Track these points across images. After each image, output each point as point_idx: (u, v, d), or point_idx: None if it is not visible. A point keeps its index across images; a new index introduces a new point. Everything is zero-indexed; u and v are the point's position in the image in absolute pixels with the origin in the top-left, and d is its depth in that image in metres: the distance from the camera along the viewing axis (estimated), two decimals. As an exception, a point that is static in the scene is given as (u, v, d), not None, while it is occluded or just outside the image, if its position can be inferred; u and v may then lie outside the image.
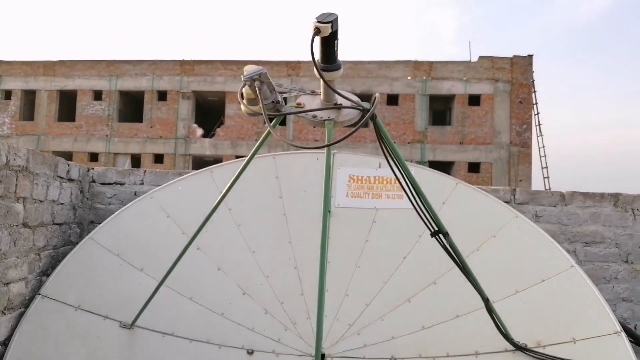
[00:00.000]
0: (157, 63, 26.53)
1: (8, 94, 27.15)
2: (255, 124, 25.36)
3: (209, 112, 28.13)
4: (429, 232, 2.60)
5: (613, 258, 4.71)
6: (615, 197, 4.74)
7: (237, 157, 24.70)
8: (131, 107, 27.63)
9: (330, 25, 1.87)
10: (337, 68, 2.09)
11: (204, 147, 26.05)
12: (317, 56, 2.03)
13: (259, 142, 2.61)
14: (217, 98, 26.72)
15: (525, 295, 3.59)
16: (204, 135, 26.36)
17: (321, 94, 2.28)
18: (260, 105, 2.10)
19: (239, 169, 2.82)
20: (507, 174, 24.67)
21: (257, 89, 2.09)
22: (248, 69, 2.12)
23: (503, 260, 3.79)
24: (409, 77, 25.52)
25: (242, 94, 2.19)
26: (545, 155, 24.86)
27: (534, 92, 25.16)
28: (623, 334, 3.27)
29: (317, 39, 1.95)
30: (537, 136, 25.00)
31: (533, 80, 25.13)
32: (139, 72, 26.52)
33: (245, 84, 2.13)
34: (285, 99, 2.31)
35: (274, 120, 2.30)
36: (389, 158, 2.39)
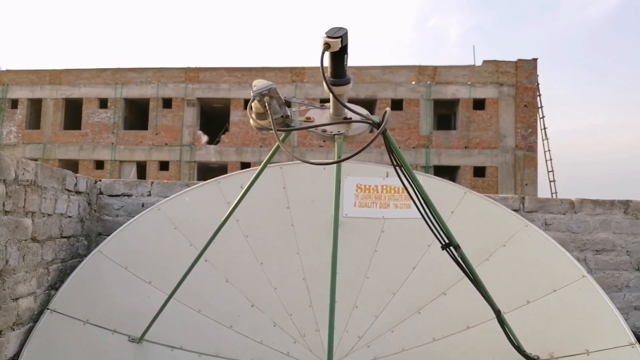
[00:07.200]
0: (162, 70, 26.65)
1: (14, 103, 27.34)
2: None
3: (214, 119, 28.18)
4: (440, 245, 2.58)
5: (624, 266, 4.66)
6: (626, 204, 4.69)
7: (242, 163, 24.75)
8: (136, 114, 27.75)
9: (340, 40, 1.86)
10: (347, 82, 2.07)
11: (209, 154, 26.08)
12: (327, 69, 2.02)
13: (267, 157, 2.60)
14: (221, 105, 26.77)
15: (536, 305, 3.55)
16: (209, 142, 26.40)
17: (330, 108, 2.27)
18: (270, 120, 2.09)
19: (248, 183, 2.81)
20: (513, 178, 24.55)
21: (266, 104, 2.09)
22: (258, 84, 2.12)
23: (514, 270, 3.75)
24: (413, 82, 25.50)
25: (251, 108, 2.18)
26: (551, 159, 24.80)
27: (539, 95, 25.08)
28: (637, 345, 3.22)
29: (327, 54, 1.93)
30: (543, 140, 24.93)
31: (538, 84, 25.06)
32: (144, 79, 26.63)
33: (254, 99, 2.12)
34: (292, 112, 2.30)
35: (283, 135, 2.28)
36: (399, 170, 2.37)
